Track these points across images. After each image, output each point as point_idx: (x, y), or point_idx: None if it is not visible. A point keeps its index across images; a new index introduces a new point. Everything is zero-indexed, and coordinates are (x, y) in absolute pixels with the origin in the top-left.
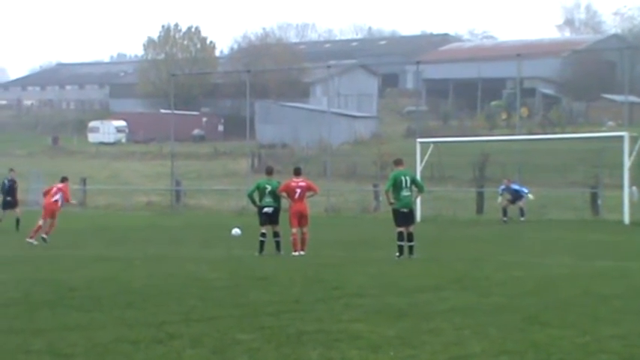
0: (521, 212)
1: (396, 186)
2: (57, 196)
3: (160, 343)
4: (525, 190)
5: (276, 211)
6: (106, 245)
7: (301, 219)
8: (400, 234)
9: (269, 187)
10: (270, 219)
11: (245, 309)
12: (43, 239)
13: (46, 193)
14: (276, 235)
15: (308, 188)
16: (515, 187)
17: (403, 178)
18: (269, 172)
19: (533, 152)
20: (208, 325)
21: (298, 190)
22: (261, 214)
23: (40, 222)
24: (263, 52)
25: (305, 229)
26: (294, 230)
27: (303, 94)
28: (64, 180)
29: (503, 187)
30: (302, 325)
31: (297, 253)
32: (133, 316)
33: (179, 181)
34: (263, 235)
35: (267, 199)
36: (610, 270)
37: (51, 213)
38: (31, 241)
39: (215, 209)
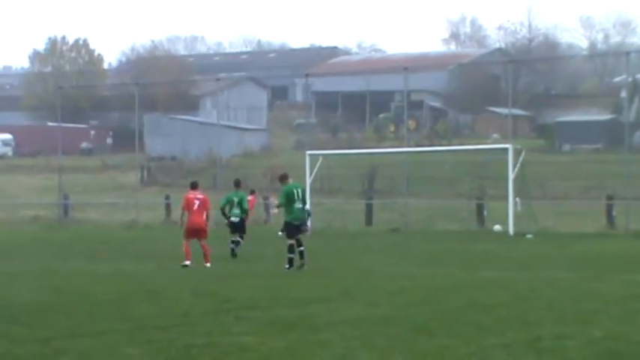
0: None
1: (289, 199)
2: None
3: (46, 359)
4: None
5: (242, 220)
6: None
7: (199, 232)
8: (291, 246)
9: (236, 199)
10: (237, 228)
11: (133, 323)
12: None
13: None
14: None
15: (205, 203)
16: None
17: (295, 191)
18: (237, 184)
19: (421, 164)
20: (96, 339)
21: (196, 202)
22: (230, 224)
23: None
24: (152, 65)
25: (203, 242)
26: (185, 242)
27: (192, 106)
28: None
29: None
30: (191, 338)
31: (188, 263)
32: (18, 332)
33: (67, 194)
34: (233, 242)
35: (235, 210)
36: (494, 280)
37: None
38: None
39: (104, 223)
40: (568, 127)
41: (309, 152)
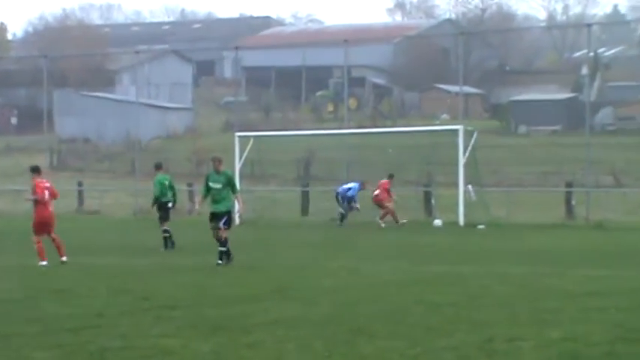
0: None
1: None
2: None
3: None
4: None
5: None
6: None
7: (50, 225)
8: (216, 236)
9: (167, 183)
10: (169, 215)
11: (41, 325)
12: None
13: None
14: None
15: (53, 192)
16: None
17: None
18: (158, 168)
19: (362, 148)
20: None
21: (46, 192)
22: (164, 210)
23: None
24: (62, 36)
25: (54, 234)
26: (37, 238)
27: (108, 82)
28: None
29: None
30: (106, 341)
31: (59, 260)
32: None
33: None
34: (166, 231)
35: (169, 194)
36: (443, 275)
37: None
38: None
39: (8, 212)
40: (524, 107)
41: (238, 134)
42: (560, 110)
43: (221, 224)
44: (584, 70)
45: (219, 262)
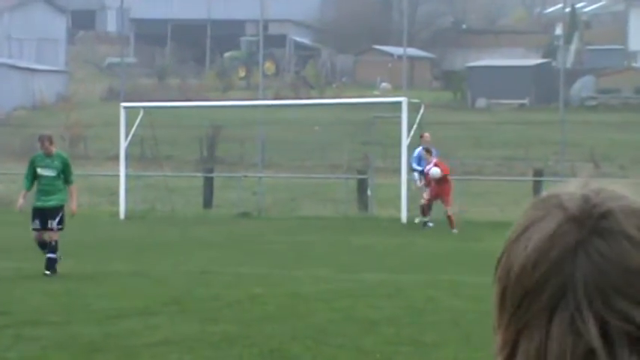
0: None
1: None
2: None
3: None
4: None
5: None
6: None
7: None
8: None
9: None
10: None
11: None
12: None
13: None
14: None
15: None
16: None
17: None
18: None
19: (281, 124)
20: None
21: None
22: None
23: None
24: None
25: None
26: None
27: None
28: None
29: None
30: None
31: None
32: None
33: None
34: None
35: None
36: (380, 285)
37: None
38: None
39: None
40: (484, 75)
41: (124, 104)
42: (528, 80)
43: (54, 224)
44: (559, 30)
45: (47, 272)
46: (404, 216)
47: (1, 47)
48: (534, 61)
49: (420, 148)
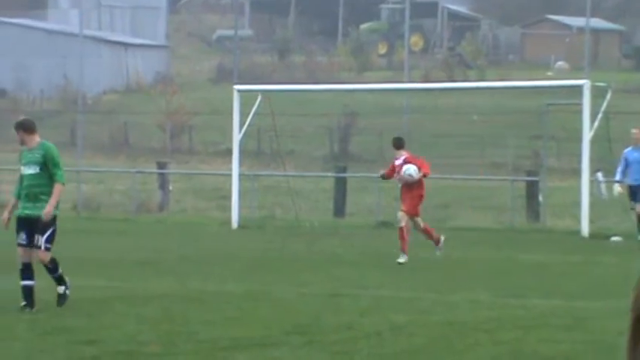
0: None
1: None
2: None
3: None
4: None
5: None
6: None
7: None
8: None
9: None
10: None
11: None
12: None
13: None
14: None
15: None
16: None
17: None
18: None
19: (430, 112)
20: None
21: None
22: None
23: None
24: None
25: None
26: None
27: (36, 4)
28: None
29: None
30: None
31: None
32: None
33: None
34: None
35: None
36: (555, 314)
37: None
38: None
39: None
40: None
41: (238, 87)
42: None
43: (42, 241)
44: None
45: (59, 305)
46: (584, 228)
47: (88, 17)
48: None
49: (629, 150)
